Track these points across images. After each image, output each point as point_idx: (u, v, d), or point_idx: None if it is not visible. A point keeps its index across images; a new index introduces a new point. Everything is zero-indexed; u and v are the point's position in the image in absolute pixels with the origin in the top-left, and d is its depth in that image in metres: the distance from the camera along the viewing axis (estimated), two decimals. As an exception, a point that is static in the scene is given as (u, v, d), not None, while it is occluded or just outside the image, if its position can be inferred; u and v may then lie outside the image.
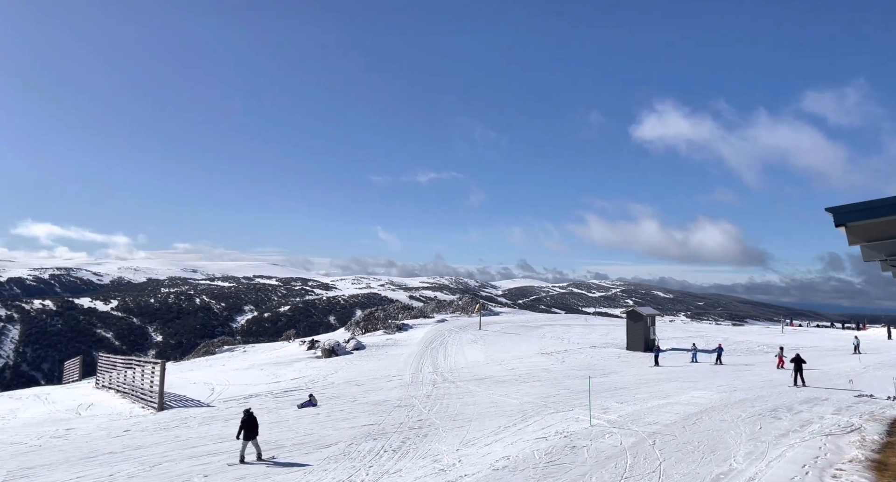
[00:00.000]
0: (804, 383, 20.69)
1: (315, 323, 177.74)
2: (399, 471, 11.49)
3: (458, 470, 11.06)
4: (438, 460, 12.15)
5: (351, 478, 11.27)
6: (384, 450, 13.69)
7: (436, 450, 13.35)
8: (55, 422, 21.16)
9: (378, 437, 15.16)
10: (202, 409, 22.04)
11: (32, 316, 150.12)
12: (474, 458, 12.00)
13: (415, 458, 12.65)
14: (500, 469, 10.64)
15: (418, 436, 15.04)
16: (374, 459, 12.79)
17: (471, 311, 61.12)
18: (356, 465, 12.29)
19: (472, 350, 37.57)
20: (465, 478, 10.18)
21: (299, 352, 40.57)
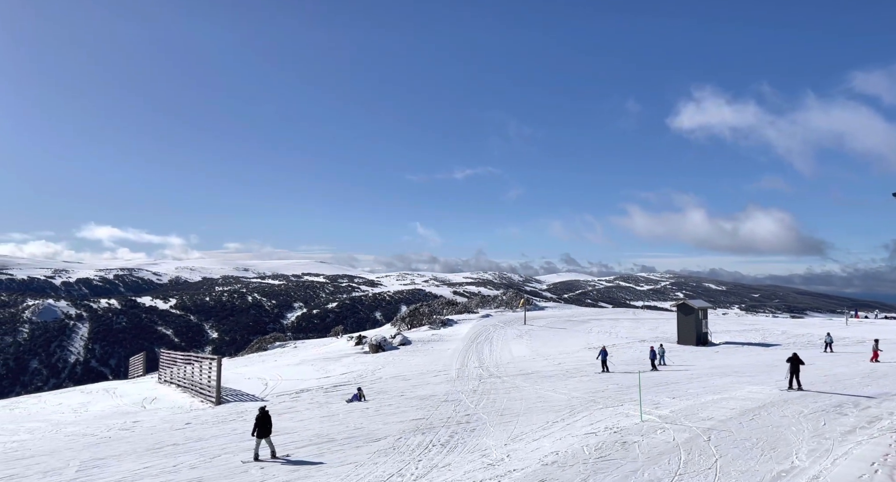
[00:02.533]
0: (800, 386, 17.90)
1: (362, 319, 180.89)
2: (448, 466, 11.58)
3: (506, 464, 11.05)
4: (487, 455, 12.18)
5: (401, 471, 11.44)
6: (432, 444, 13.82)
7: (484, 444, 13.38)
8: (123, 414, 22.38)
9: (426, 432, 15.32)
10: (256, 404, 22.81)
11: (99, 314, 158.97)
12: (522, 453, 11.96)
13: (463, 453, 12.72)
14: (550, 464, 10.57)
15: (466, 431, 15.10)
16: (422, 453, 12.94)
17: (515, 306, 60.78)
18: (405, 459, 12.47)
19: (518, 345, 37.38)
20: (514, 473, 10.17)
21: (347, 348, 41.40)
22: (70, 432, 19.16)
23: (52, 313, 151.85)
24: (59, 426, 20.73)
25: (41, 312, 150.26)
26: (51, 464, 14.34)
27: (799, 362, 18.16)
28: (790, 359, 18.35)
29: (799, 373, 18.24)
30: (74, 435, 18.58)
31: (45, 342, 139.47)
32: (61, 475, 13.04)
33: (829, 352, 29.94)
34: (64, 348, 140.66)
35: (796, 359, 18.22)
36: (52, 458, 15.03)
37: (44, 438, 18.51)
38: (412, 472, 11.25)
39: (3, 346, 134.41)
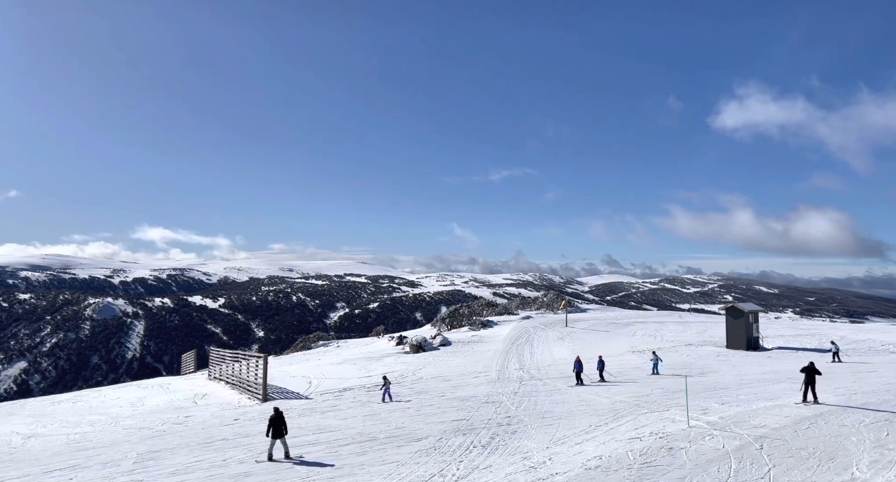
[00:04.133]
0: (816, 399, 16.33)
1: (402, 319, 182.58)
2: (489, 467, 11.56)
3: (548, 468, 10.95)
4: (528, 457, 12.09)
5: (442, 471, 11.49)
6: (473, 445, 13.82)
7: (525, 447, 13.29)
8: (176, 409, 23.30)
9: (467, 433, 15.33)
10: (301, 401, 23.35)
11: (154, 313, 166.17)
12: (565, 457, 11.82)
13: (504, 455, 12.67)
14: (593, 468, 10.41)
15: (507, 433, 15.04)
16: (464, 454, 12.96)
17: (556, 308, 60.07)
18: (447, 460, 12.52)
19: (559, 347, 36.92)
20: (556, 477, 10.06)
21: (388, 348, 41.84)
22: (128, 425, 20.09)
23: (110, 311, 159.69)
24: (117, 419, 21.78)
25: (101, 310, 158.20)
26: (110, 455, 15.09)
27: (815, 372, 16.31)
28: (805, 368, 16.47)
29: (815, 384, 16.40)
30: (132, 428, 19.48)
31: (104, 339, 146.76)
32: (120, 466, 13.69)
33: (836, 362, 27.98)
34: (122, 345, 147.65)
35: (812, 369, 16.36)
36: (112, 450, 15.80)
37: (104, 431, 19.49)
38: (453, 473, 11.29)
39: (67, 342, 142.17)
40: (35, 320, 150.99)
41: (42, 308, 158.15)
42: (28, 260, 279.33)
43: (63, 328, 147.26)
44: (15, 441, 18.49)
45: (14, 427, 21.29)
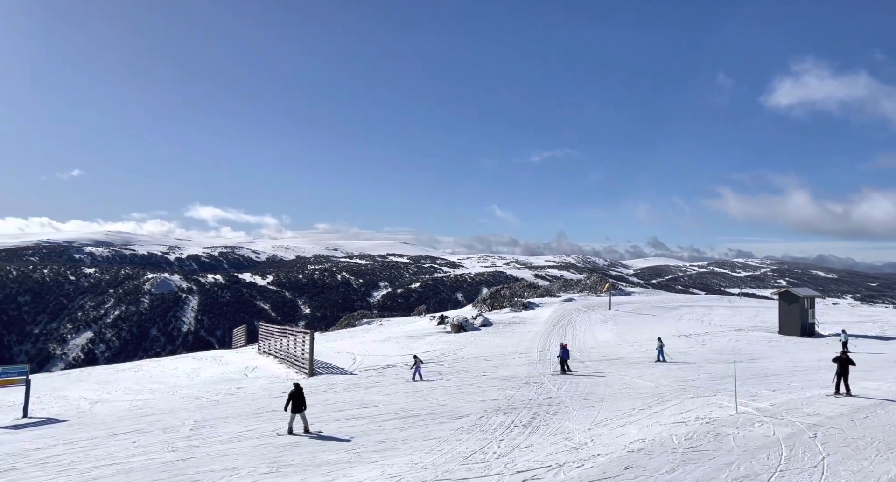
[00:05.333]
0: (849, 391, 14.98)
1: (443, 299, 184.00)
2: (530, 446, 11.63)
3: (590, 449, 10.92)
4: (570, 438, 12.08)
5: (483, 449, 11.63)
6: (514, 424, 13.91)
7: (566, 428, 13.28)
8: (228, 381, 24.41)
9: (508, 412, 15.43)
10: (346, 377, 24.02)
11: (207, 288, 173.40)
12: (607, 439, 11.75)
13: (545, 435, 12.70)
14: (636, 451, 10.31)
15: (548, 414, 15.05)
16: (504, 433, 13.06)
17: (600, 291, 59.18)
18: (487, 438, 12.65)
19: (602, 330, 36.48)
20: (598, 458, 10.03)
21: (430, 327, 42.35)
22: (184, 394, 21.21)
23: (167, 286, 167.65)
24: (175, 388, 23.02)
25: (159, 285, 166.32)
26: (169, 422, 15.99)
27: (849, 363, 15.03)
28: (838, 358, 15.24)
29: (848, 375, 15.11)
30: (188, 397, 20.55)
31: (162, 312, 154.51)
32: (178, 432, 14.50)
33: None
34: (178, 318, 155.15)
35: (845, 359, 15.05)
36: (171, 417, 16.74)
37: (163, 399, 20.64)
38: (494, 451, 11.41)
39: (128, 315, 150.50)
40: (99, 293, 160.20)
41: (105, 282, 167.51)
42: (92, 236, 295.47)
43: (125, 301, 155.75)
44: (83, 406, 19.83)
45: (83, 392, 22.81)
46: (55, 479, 10.65)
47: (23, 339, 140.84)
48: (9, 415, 18.01)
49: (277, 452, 12.13)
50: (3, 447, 13.64)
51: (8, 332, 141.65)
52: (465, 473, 9.74)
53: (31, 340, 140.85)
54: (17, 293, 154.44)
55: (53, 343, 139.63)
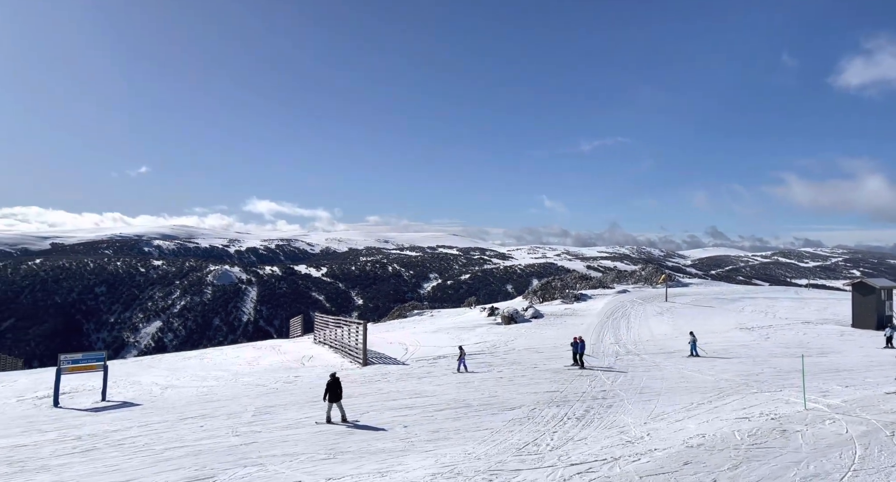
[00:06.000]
0: None
1: (493, 291, 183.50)
2: (584, 439, 11.48)
3: (646, 443, 10.67)
4: (625, 432, 11.85)
5: (536, 441, 11.57)
6: (567, 417, 13.77)
7: (621, 421, 13.03)
8: (286, 369, 25.29)
9: (561, 404, 15.28)
10: (398, 367, 24.42)
11: (265, 280, 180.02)
12: (664, 433, 11.44)
13: (600, 428, 12.51)
14: (695, 447, 9.99)
15: (602, 407, 14.80)
16: (557, 425, 12.95)
17: (655, 282, 57.46)
18: (540, 430, 12.58)
19: (658, 322, 35.44)
20: (655, 453, 9.79)
21: (480, 318, 42.38)
22: (246, 382, 22.15)
23: (228, 278, 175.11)
24: (237, 376, 24.07)
25: (220, 277, 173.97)
26: (232, 408, 16.75)
27: None
28: None
29: None
30: (249, 384, 21.45)
31: (224, 303, 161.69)
32: (240, 418, 15.17)
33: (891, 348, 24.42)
34: (238, 309, 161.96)
35: None
36: (234, 403, 17.53)
37: (226, 385, 21.64)
38: (547, 443, 11.34)
39: (193, 305, 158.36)
40: (167, 284, 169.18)
41: (172, 274, 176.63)
42: (159, 230, 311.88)
43: (190, 292, 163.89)
44: (155, 391, 21.06)
45: (154, 378, 24.22)
46: (131, 459, 11.37)
47: (100, 328, 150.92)
48: (90, 399, 19.35)
49: (334, 439, 12.50)
50: (85, 428, 14.68)
51: (87, 321, 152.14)
52: (519, 465, 9.73)
53: (107, 328, 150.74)
54: (95, 284, 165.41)
55: (127, 331, 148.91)
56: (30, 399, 20.01)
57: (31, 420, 16.23)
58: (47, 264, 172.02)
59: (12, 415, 17.19)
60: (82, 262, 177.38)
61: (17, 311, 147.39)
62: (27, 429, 14.94)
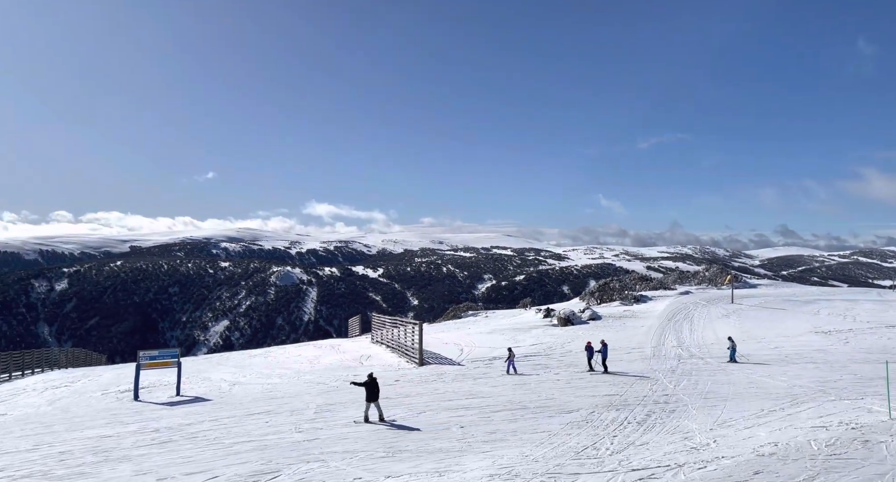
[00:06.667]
0: None
1: (549, 292, 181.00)
2: (645, 444, 11.16)
3: (712, 451, 10.24)
4: (689, 438, 11.43)
5: (595, 445, 11.36)
6: (628, 421, 13.42)
7: (685, 427, 12.57)
8: (345, 368, 25.95)
9: (620, 408, 14.91)
10: (454, 367, 24.55)
11: (324, 280, 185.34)
12: (732, 441, 10.95)
13: (662, 433, 12.12)
14: (767, 455, 9.50)
15: (664, 411, 14.33)
16: (617, 429, 12.65)
17: (720, 283, 54.98)
18: (599, 433, 12.33)
19: (724, 325, 33.90)
20: (722, 460, 9.38)
21: (535, 320, 41.93)
22: (307, 380, 22.90)
23: (290, 279, 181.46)
24: (299, 374, 24.92)
25: (282, 278, 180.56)
26: (295, 404, 17.37)
27: None
28: None
29: None
30: (311, 382, 22.16)
31: (286, 303, 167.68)
32: (303, 415, 15.70)
33: None
34: (299, 308, 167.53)
35: None
36: (296, 400, 18.17)
37: (289, 383, 22.45)
38: (607, 447, 11.10)
39: (258, 305, 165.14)
40: (233, 285, 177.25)
41: (238, 275, 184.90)
42: (226, 232, 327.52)
43: (254, 292, 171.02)
44: (224, 387, 22.13)
45: (223, 375, 25.46)
46: (203, 452, 12.01)
47: (173, 326, 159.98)
48: (165, 393, 20.59)
49: (392, 438, 12.73)
50: (162, 421, 15.63)
51: (161, 319, 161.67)
52: (577, 468, 9.58)
53: (179, 327, 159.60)
54: (168, 284, 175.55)
55: (197, 330, 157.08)
56: (113, 393, 21.50)
57: (115, 412, 17.44)
58: (127, 266, 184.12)
59: (98, 408, 18.53)
60: (157, 264, 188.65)
61: (101, 310, 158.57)
62: (111, 421, 16.06)
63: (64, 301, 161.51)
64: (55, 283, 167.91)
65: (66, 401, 20.40)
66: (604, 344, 22.11)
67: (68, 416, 17.15)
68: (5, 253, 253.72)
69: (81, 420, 16.45)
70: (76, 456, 12.06)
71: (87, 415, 17.14)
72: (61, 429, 15.17)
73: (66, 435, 14.34)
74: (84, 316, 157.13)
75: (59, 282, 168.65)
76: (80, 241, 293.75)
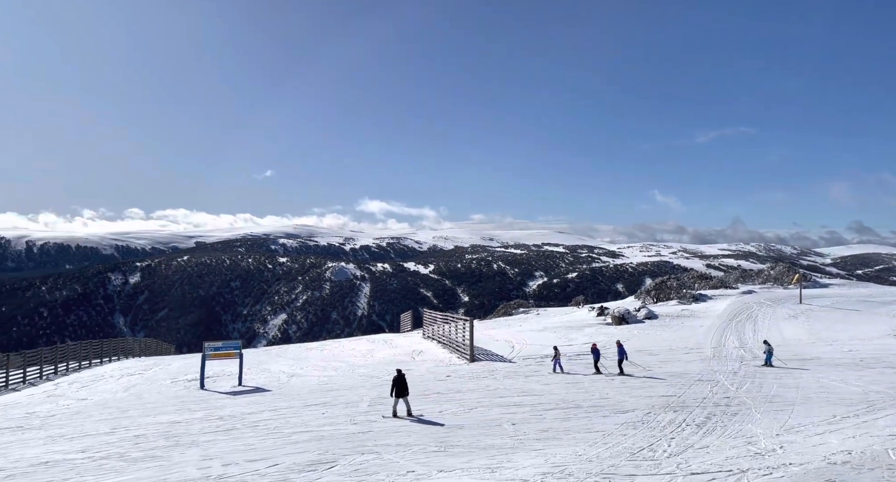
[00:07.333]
0: None
1: (602, 290, 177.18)
2: (706, 448, 10.78)
3: (779, 457, 9.77)
4: (753, 443, 10.95)
5: (651, 446, 11.07)
6: (686, 423, 13.00)
7: (749, 431, 12.05)
8: (398, 363, 26.34)
9: (678, 410, 14.46)
10: (505, 364, 24.48)
11: (377, 276, 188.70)
12: (800, 447, 10.41)
13: (723, 437, 11.67)
14: (839, 464, 8.98)
15: (726, 414, 13.78)
16: (675, 431, 12.28)
17: (787, 282, 52.18)
18: (656, 435, 12.01)
19: (791, 326, 32.19)
20: (790, 468, 8.94)
21: (589, 318, 41.17)
22: (361, 373, 23.43)
23: (344, 274, 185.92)
24: (353, 367, 25.53)
25: (337, 273, 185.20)
26: (350, 397, 17.82)
27: None
28: None
29: None
30: (365, 375, 22.67)
31: (340, 297, 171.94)
32: (357, 407, 16.10)
33: None
34: (353, 303, 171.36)
35: None
36: (351, 393, 18.64)
37: (344, 376, 23.05)
38: (664, 449, 10.80)
39: (313, 299, 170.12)
40: (290, 280, 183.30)
41: (295, 270, 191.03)
42: (283, 229, 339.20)
43: (310, 287, 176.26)
44: (282, 378, 22.97)
45: (281, 367, 26.42)
46: (265, 440, 12.53)
47: (235, 319, 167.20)
48: (228, 383, 21.58)
49: (444, 433, 12.85)
50: (226, 409, 16.41)
51: (224, 312, 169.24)
52: (633, 469, 9.37)
53: (241, 320, 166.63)
54: (230, 279, 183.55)
55: (257, 323, 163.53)
56: (181, 381, 22.75)
57: (183, 400, 18.45)
58: (192, 261, 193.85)
59: (168, 395, 19.66)
60: (220, 259, 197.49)
61: (170, 302, 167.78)
62: (180, 407, 17.01)
63: (137, 293, 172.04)
64: (129, 277, 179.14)
65: (139, 387, 21.76)
66: (619, 345, 21.77)
67: (142, 402, 18.29)
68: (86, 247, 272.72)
69: (153, 406, 17.51)
70: (149, 440, 12.85)
71: (158, 402, 18.22)
72: (136, 414, 16.21)
73: (140, 419, 15.31)
74: (154, 308, 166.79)
75: (132, 276, 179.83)
76: (150, 236, 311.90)
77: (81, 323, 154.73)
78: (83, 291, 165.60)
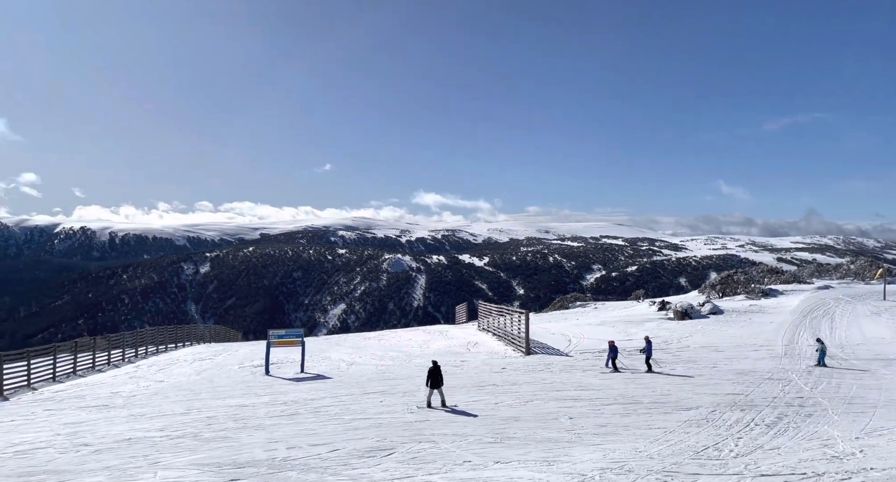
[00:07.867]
0: None
1: (664, 284, 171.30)
2: (776, 449, 10.27)
3: (858, 461, 9.19)
4: (830, 445, 10.33)
5: (717, 445, 10.66)
6: (755, 423, 12.43)
7: (825, 433, 11.38)
8: (453, 354, 26.55)
9: (746, 409, 13.83)
10: (561, 358, 24.18)
11: (432, 268, 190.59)
12: (883, 451, 9.74)
13: (796, 438, 11.08)
14: (926, 474, 8.35)
15: (799, 415, 13.07)
16: (743, 431, 11.77)
17: (869, 277, 48.65)
18: (721, 434, 11.55)
19: (873, 324, 30.01)
20: (871, 473, 8.39)
21: (649, 313, 39.96)
22: (417, 363, 23.76)
23: (400, 266, 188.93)
24: (410, 357, 25.94)
25: (393, 265, 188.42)
26: (407, 386, 18.13)
27: None
28: None
29: None
30: (420, 366, 22.97)
31: (397, 288, 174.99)
32: (415, 397, 16.36)
33: None
34: (409, 295, 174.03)
35: None
36: (408, 382, 18.96)
37: (401, 365, 23.46)
38: (731, 448, 10.38)
39: (371, 290, 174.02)
40: (349, 271, 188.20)
41: (353, 261, 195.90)
42: (342, 221, 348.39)
43: (368, 278, 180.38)
44: (342, 366, 23.66)
45: (341, 355, 27.20)
46: (326, 426, 12.98)
47: (297, 308, 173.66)
48: (292, 370, 22.46)
49: (501, 424, 12.86)
50: (289, 395, 17.10)
51: (287, 301, 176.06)
52: (697, 468, 9.06)
53: (302, 309, 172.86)
54: (293, 269, 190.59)
55: (318, 312, 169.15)
56: (248, 367, 23.87)
57: (250, 385, 19.37)
58: (257, 252, 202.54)
59: (236, 380, 20.70)
60: (283, 251, 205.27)
61: (237, 291, 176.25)
62: (246, 392, 17.88)
63: (207, 282, 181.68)
64: (200, 266, 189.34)
65: (210, 372, 23.02)
66: (648, 341, 20.65)
67: (212, 386, 19.35)
68: (161, 238, 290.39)
69: (223, 389, 18.48)
70: (220, 421, 13.59)
71: (227, 386, 19.22)
72: (207, 396, 17.17)
73: (211, 402, 16.20)
74: (223, 296, 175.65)
75: (202, 266, 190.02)
76: (219, 228, 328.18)
77: (158, 309, 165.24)
78: (159, 280, 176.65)
